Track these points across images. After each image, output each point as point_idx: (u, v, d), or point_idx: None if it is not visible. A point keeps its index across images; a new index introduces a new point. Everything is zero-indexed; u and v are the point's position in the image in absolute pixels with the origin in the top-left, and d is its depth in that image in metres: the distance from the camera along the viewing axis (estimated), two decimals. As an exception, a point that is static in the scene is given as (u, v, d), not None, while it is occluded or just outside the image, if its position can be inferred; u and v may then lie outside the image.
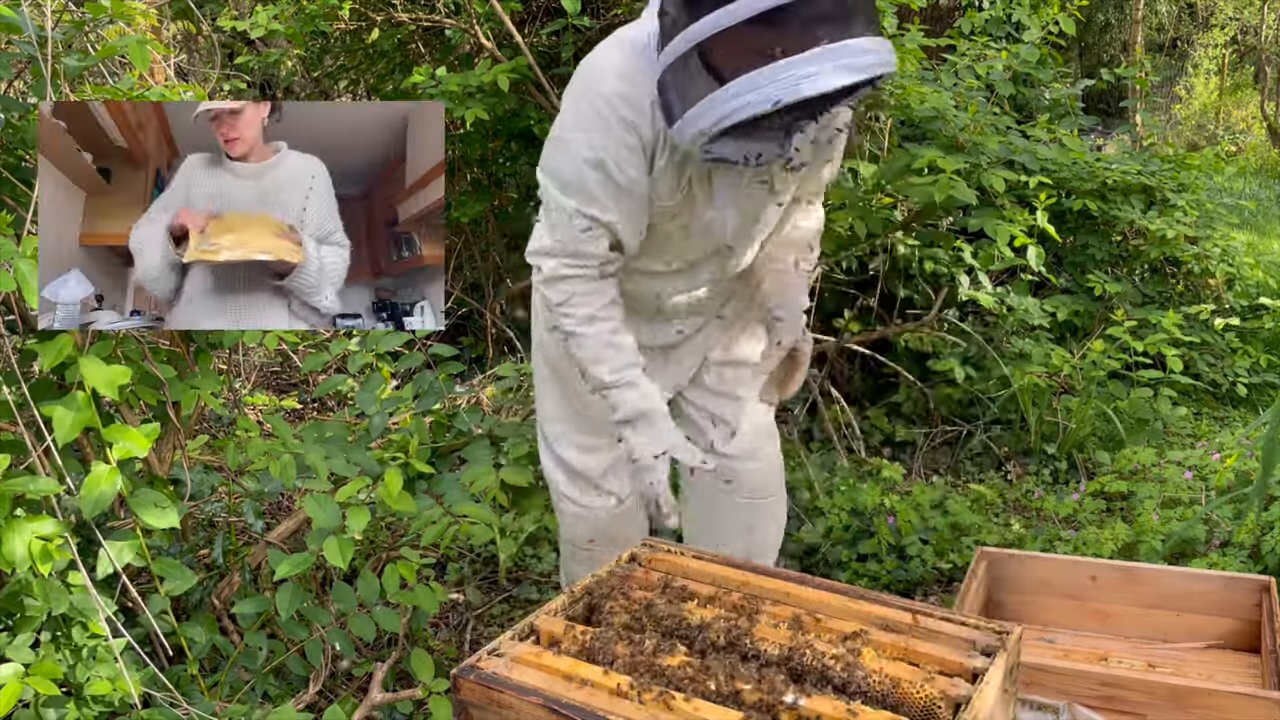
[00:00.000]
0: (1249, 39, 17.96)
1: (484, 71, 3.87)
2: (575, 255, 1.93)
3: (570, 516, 2.33)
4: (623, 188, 1.87)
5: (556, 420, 2.30)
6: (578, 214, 1.89)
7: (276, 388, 4.79)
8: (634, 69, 1.79)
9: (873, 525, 3.22)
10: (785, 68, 1.54)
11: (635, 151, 1.84)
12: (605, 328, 1.95)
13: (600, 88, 1.81)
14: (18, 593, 1.92)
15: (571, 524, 2.34)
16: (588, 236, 1.91)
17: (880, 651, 1.49)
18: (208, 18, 5.01)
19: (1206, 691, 1.98)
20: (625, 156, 1.84)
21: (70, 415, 1.85)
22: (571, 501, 2.31)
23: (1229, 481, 3.32)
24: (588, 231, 1.90)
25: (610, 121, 1.82)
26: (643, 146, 1.84)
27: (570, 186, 1.89)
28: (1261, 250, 6.76)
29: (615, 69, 1.81)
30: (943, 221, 4.36)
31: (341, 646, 2.31)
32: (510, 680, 1.44)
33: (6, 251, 1.77)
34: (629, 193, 1.88)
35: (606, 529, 2.31)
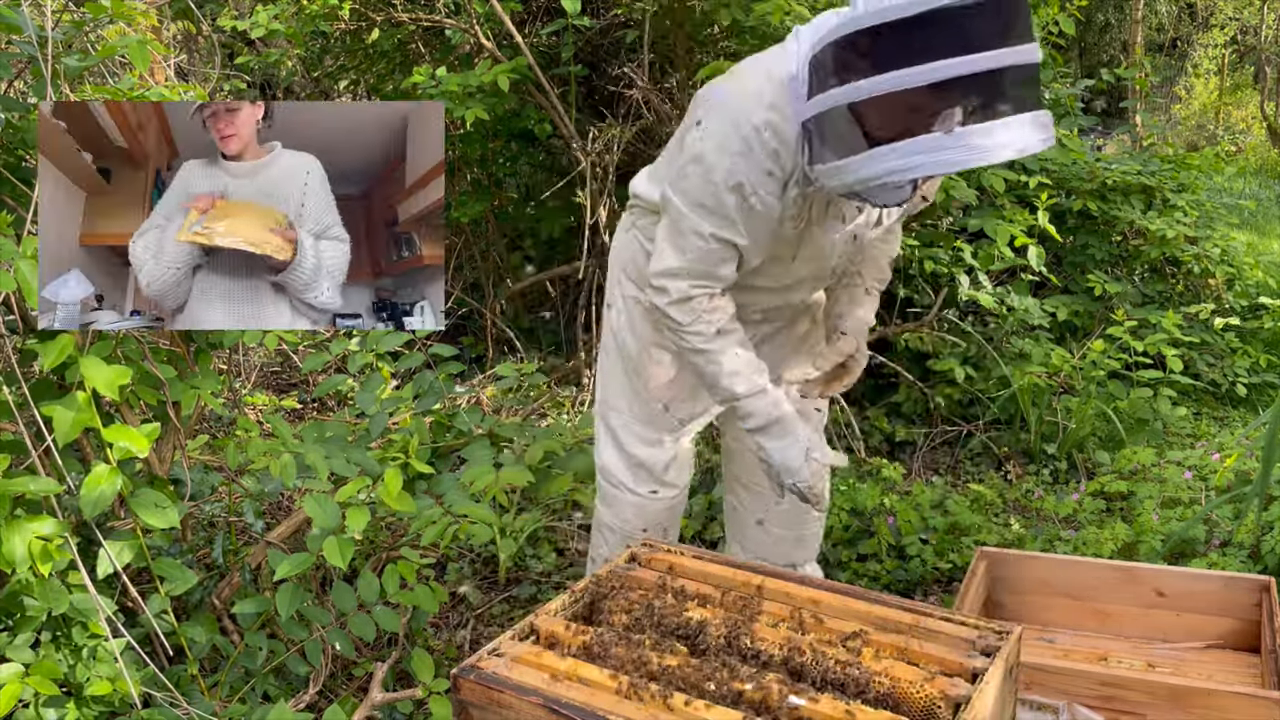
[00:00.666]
0: (1249, 39, 17.97)
1: (484, 71, 3.87)
2: (705, 277, 1.99)
3: (630, 507, 2.37)
4: (757, 212, 1.92)
5: (624, 413, 2.35)
6: (713, 238, 1.95)
7: (276, 388, 4.79)
8: (783, 102, 1.84)
9: (873, 525, 3.22)
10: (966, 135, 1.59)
11: (775, 180, 1.89)
12: (733, 339, 2.04)
13: (751, 117, 1.85)
14: (18, 593, 1.92)
15: (629, 515, 2.38)
16: (719, 259, 1.97)
17: (880, 651, 1.49)
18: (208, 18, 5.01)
19: (1206, 691, 1.98)
20: (764, 183, 1.89)
21: (70, 415, 1.85)
22: (631, 492, 2.36)
23: (1229, 481, 3.32)
24: (720, 254, 1.96)
25: (755, 149, 1.87)
26: (783, 176, 1.89)
27: (704, 209, 1.93)
28: (1261, 250, 6.76)
29: (766, 99, 1.86)
30: (943, 221, 4.36)
31: (341, 646, 2.31)
32: (510, 680, 1.44)
33: (7, 251, 1.77)
34: (763, 218, 1.93)
35: (660, 519, 2.39)
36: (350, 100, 5.95)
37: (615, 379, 2.35)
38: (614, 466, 2.37)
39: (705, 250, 1.96)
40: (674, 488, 2.38)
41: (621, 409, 2.34)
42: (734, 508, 2.52)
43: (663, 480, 2.35)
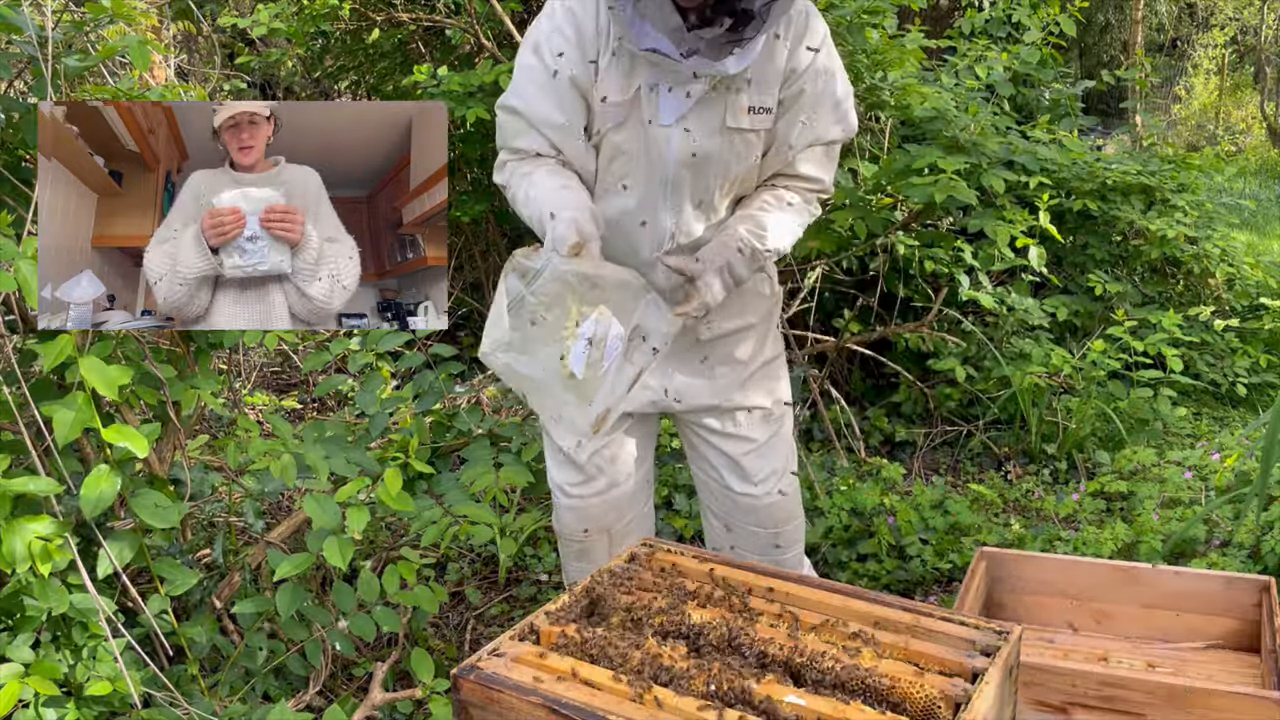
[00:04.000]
0: (1249, 39, 17.97)
1: (485, 71, 3.87)
2: (509, 150, 2.08)
3: (564, 509, 2.33)
4: (554, 74, 1.99)
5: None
6: (502, 108, 2.06)
7: (276, 388, 4.79)
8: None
9: (873, 525, 3.22)
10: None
11: (570, 42, 1.97)
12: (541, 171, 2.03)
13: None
14: (18, 593, 1.92)
15: (565, 517, 2.34)
16: (514, 131, 2.05)
17: (880, 651, 1.49)
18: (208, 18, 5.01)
19: (1206, 691, 1.98)
20: (559, 44, 1.98)
21: (70, 415, 1.85)
22: (563, 492, 2.32)
23: (1229, 481, 3.32)
24: (512, 125, 2.05)
25: (558, 13, 1.99)
26: (579, 37, 1.97)
27: (511, 85, 2.05)
28: (1261, 250, 6.76)
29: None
30: (943, 222, 4.36)
31: (341, 646, 2.31)
32: (510, 680, 1.44)
33: (7, 252, 1.77)
34: (559, 82, 1.98)
35: (599, 518, 2.32)
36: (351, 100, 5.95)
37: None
38: (549, 468, 2.34)
39: (502, 122, 2.07)
40: (600, 478, 2.29)
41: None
42: (709, 537, 2.49)
43: (583, 467, 2.28)
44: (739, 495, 2.31)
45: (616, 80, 1.98)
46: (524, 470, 2.57)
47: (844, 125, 2.13)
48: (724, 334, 2.25)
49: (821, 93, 2.07)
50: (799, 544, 2.45)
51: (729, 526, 2.38)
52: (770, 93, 2.03)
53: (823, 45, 2.06)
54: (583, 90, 2.01)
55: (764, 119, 2.05)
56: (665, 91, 1.99)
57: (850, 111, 2.14)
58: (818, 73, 2.05)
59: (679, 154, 2.03)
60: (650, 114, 2.00)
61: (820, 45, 2.05)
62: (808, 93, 2.05)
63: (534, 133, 2.03)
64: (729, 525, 2.37)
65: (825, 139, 2.12)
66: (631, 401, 2.22)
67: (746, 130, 2.04)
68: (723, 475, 2.32)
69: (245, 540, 2.73)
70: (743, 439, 2.29)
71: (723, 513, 2.37)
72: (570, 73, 1.98)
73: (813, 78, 2.05)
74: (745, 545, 2.37)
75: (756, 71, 1.99)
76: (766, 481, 2.30)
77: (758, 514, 2.32)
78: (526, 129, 2.03)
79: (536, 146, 2.04)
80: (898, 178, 3.71)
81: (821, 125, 2.09)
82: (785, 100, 2.05)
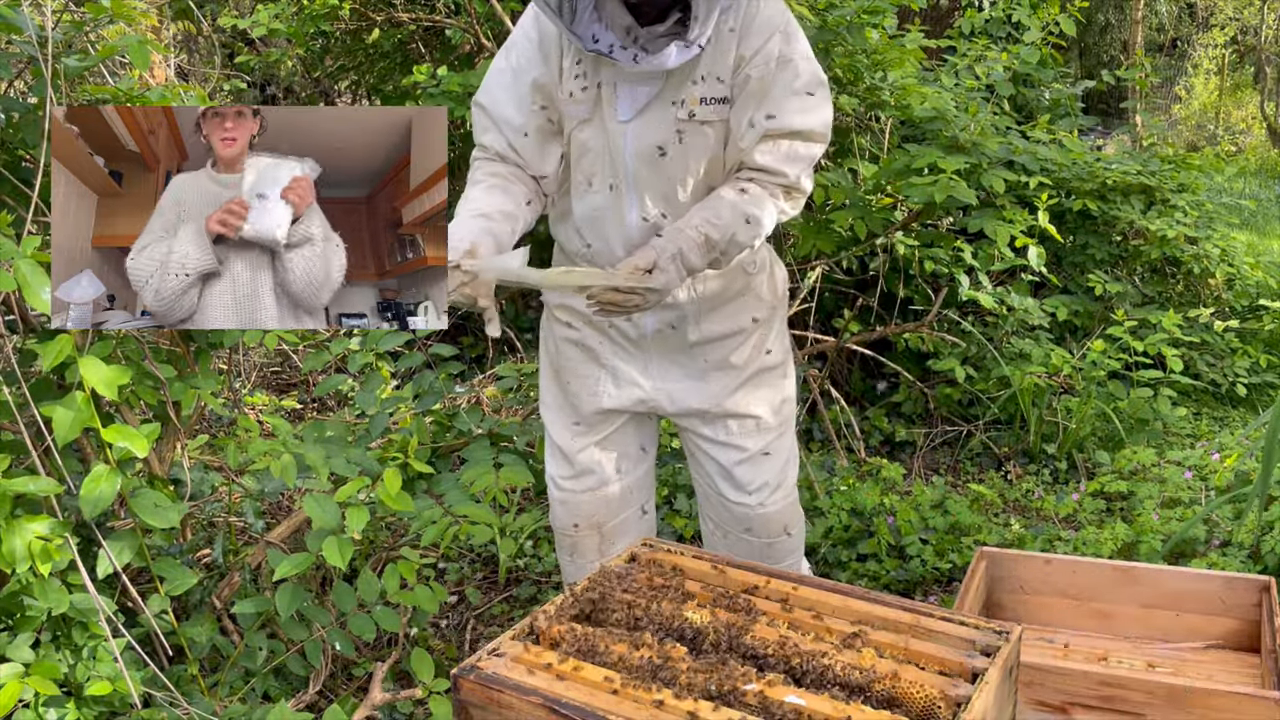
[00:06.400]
0: (1249, 39, 17.96)
1: (485, 72, 3.86)
2: (479, 145, 2.13)
3: (556, 503, 2.35)
4: (516, 73, 2.06)
5: (551, 407, 2.34)
6: (475, 104, 2.12)
7: (276, 388, 4.79)
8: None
9: (873, 525, 3.22)
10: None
11: (533, 43, 2.05)
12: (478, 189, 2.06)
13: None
14: (18, 593, 1.92)
15: (557, 510, 2.36)
16: (481, 128, 2.12)
17: (880, 651, 1.49)
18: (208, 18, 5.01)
19: (1206, 691, 1.98)
20: (523, 46, 2.06)
21: (70, 415, 1.85)
22: (556, 485, 2.34)
23: (1229, 481, 3.33)
24: (480, 121, 2.12)
25: (527, 17, 2.07)
26: (542, 39, 2.04)
27: (484, 81, 2.13)
28: (1261, 250, 6.76)
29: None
30: (943, 221, 4.36)
31: (341, 646, 2.31)
32: (510, 680, 1.44)
33: (7, 251, 1.77)
34: (519, 83, 2.06)
35: (589, 514, 2.33)
36: (351, 100, 5.95)
37: (544, 376, 2.36)
38: (546, 460, 2.37)
39: (473, 118, 2.14)
40: (591, 475, 2.30)
41: (549, 403, 2.34)
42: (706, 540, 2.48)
43: (576, 463, 2.29)
44: (733, 504, 2.31)
45: (580, 79, 2.03)
46: (524, 470, 2.57)
47: (807, 117, 2.02)
48: (715, 337, 2.21)
49: (773, 81, 2.00)
50: (796, 553, 2.43)
51: (724, 533, 2.37)
52: (724, 83, 2.01)
53: (776, 33, 1.99)
54: (547, 92, 2.05)
55: (719, 109, 2.03)
56: (622, 88, 2.01)
57: (820, 105, 2.04)
58: (768, 59, 1.98)
59: (637, 149, 2.04)
60: (610, 110, 2.03)
61: (772, 33, 1.98)
62: (755, 79, 1.99)
63: (495, 131, 2.09)
64: (724, 531, 2.37)
65: (782, 130, 2.02)
66: (621, 399, 2.26)
67: (701, 122, 2.02)
68: (716, 482, 2.32)
69: (245, 540, 2.73)
70: (734, 447, 2.27)
71: (717, 519, 2.37)
72: (532, 75, 2.04)
73: (761, 64, 1.98)
74: (739, 553, 2.34)
75: (709, 63, 1.99)
76: (759, 492, 2.29)
77: (751, 523, 2.31)
78: (490, 126, 2.10)
79: (498, 145, 2.09)
80: (898, 178, 3.71)
81: (780, 115, 2.01)
82: (734, 88, 2.02)
